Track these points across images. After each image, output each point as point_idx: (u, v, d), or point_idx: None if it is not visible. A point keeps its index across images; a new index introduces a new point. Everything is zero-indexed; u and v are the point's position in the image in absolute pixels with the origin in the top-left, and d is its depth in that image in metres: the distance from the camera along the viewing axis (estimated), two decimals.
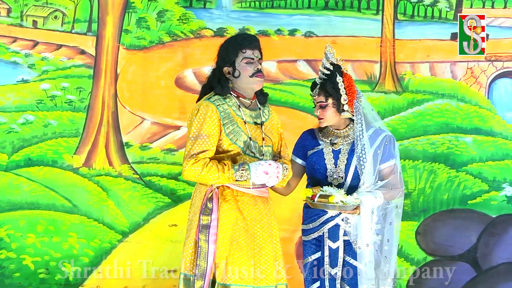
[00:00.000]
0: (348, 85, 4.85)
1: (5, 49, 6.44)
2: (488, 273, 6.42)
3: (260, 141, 4.75)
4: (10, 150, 6.43)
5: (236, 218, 4.66)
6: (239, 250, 4.63)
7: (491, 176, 6.47)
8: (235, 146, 4.67)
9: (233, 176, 4.57)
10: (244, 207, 4.69)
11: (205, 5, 6.50)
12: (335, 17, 6.51)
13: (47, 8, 6.47)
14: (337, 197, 4.70)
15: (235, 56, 4.70)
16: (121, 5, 6.46)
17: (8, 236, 6.41)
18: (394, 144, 4.94)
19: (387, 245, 4.91)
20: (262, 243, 4.69)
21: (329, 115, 4.89)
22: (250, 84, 4.72)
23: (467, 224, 6.45)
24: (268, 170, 4.58)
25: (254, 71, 4.69)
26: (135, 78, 6.47)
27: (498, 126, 6.48)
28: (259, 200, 4.73)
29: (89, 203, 6.44)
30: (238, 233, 4.65)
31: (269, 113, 4.88)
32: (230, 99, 4.73)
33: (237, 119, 4.70)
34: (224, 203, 4.67)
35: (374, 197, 4.77)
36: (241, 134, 4.68)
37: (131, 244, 6.42)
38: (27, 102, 6.44)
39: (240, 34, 4.93)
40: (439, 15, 6.51)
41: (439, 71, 6.51)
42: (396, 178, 4.89)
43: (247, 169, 4.58)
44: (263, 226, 4.71)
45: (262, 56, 4.78)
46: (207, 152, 4.61)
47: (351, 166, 4.86)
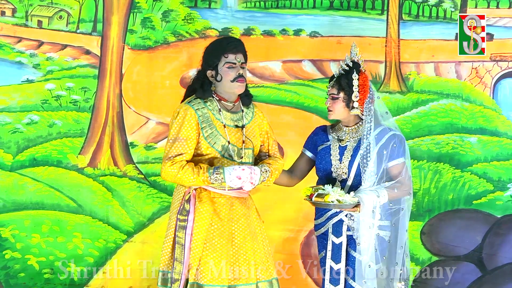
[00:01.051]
0: (362, 83, 4.88)
1: (10, 49, 6.45)
2: (494, 273, 6.42)
3: (240, 144, 4.81)
4: (15, 150, 6.43)
5: (211, 219, 4.74)
6: (213, 251, 4.71)
7: (496, 176, 6.46)
8: (213, 149, 4.74)
9: (208, 180, 4.65)
10: (220, 209, 4.76)
11: (210, 5, 6.50)
12: (340, 17, 6.51)
13: (52, 8, 6.47)
14: (332, 196, 4.72)
15: (217, 60, 4.76)
16: (126, 5, 6.46)
17: (13, 236, 6.41)
18: (403, 144, 4.94)
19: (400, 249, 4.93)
20: (240, 243, 4.76)
21: (337, 108, 4.93)
22: (231, 88, 4.78)
23: (472, 224, 6.45)
24: (241, 175, 4.64)
25: (236, 76, 4.75)
26: (140, 78, 6.47)
27: (503, 126, 6.48)
28: (236, 201, 4.80)
29: (94, 203, 6.44)
30: (212, 234, 4.73)
31: (253, 114, 4.92)
32: (212, 102, 4.80)
33: (216, 122, 4.76)
34: (200, 204, 4.75)
35: (377, 195, 4.76)
36: (219, 138, 4.75)
37: (136, 244, 6.43)
38: (32, 102, 6.45)
39: (224, 38, 5.01)
40: (444, 15, 6.51)
41: (444, 71, 6.51)
42: (404, 178, 4.89)
43: (221, 173, 4.64)
44: (240, 226, 4.78)
45: (246, 59, 4.82)
46: (184, 155, 4.70)
47: (354, 163, 4.88)
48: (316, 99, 6.39)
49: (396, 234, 4.91)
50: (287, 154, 6.20)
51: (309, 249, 6.39)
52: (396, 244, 4.91)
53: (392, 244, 4.92)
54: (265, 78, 6.49)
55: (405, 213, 4.94)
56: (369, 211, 4.77)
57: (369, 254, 4.82)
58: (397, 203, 4.93)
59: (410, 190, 4.95)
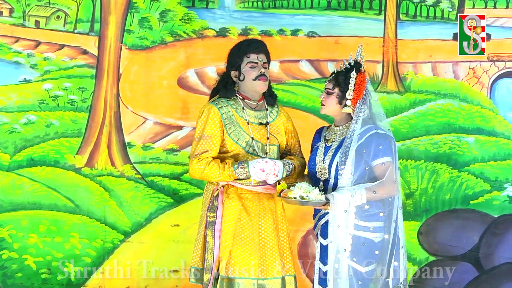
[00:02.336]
0: (359, 83, 4.84)
1: (7, 49, 6.44)
2: (491, 273, 6.43)
3: (264, 140, 4.97)
4: (12, 150, 6.42)
5: (239, 214, 4.91)
6: (243, 244, 4.88)
7: (493, 176, 6.47)
8: (237, 145, 4.92)
9: (233, 174, 4.83)
10: (248, 204, 4.93)
11: (207, 5, 6.50)
12: (338, 17, 6.51)
13: (49, 8, 6.46)
14: (295, 192, 4.69)
15: (240, 60, 4.95)
16: (124, 5, 6.46)
17: (10, 236, 6.41)
18: (389, 144, 4.77)
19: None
20: (267, 238, 4.92)
21: (329, 103, 4.89)
22: (254, 87, 4.95)
23: (469, 224, 6.45)
24: (265, 167, 4.80)
25: (258, 75, 4.93)
26: (137, 78, 6.47)
27: (500, 126, 6.48)
28: (263, 197, 4.96)
29: (91, 203, 6.44)
30: (241, 228, 4.90)
31: (277, 113, 5.08)
32: (235, 101, 4.98)
33: (240, 120, 4.94)
34: (227, 200, 4.92)
35: (351, 195, 4.65)
36: (243, 134, 4.92)
37: (133, 244, 6.42)
38: (29, 102, 6.44)
39: (247, 40, 5.13)
40: (441, 15, 6.51)
41: (441, 71, 6.51)
42: (386, 180, 4.70)
43: (246, 166, 4.82)
44: (267, 221, 4.94)
45: (269, 60, 5.00)
46: (209, 151, 4.88)
47: (333, 162, 4.81)
48: (314, 99, 6.39)
49: (395, 234, 4.81)
50: None
51: (306, 249, 6.40)
52: (394, 243, 4.80)
53: (384, 245, 4.77)
54: None
55: (400, 212, 4.84)
56: (341, 210, 4.67)
57: (343, 254, 4.70)
58: (378, 207, 4.76)
59: (391, 193, 4.76)
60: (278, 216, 5.03)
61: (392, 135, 4.83)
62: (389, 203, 4.79)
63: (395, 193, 4.78)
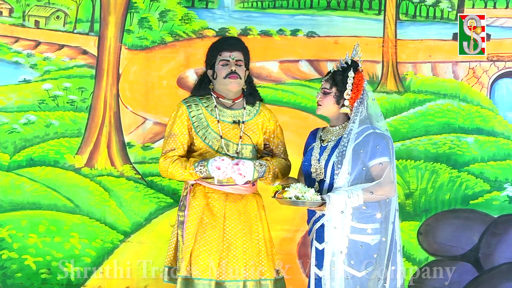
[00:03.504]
0: (357, 82, 4.76)
1: (7, 49, 6.44)
2: (490, 273, 6.42)
3: (236, 139, 4.90)
4: (12, 150, 6.42)
5: (202, 214, 4.86)
6: (204, 244, 4.82)
7: (493, 176, 6.47)
8: (205, 144, 4.88)
9: (194, 172, 4.79)
10: (213, 203, 4.88)
11: (207, 5, 6.50)
12: (337, 17, 6.51)
13: (49, 8, 6.47)
14: (290, 192, 4.59)
15: (214, 58, 4.92)
16: (123, 5, 6.46)
17: (10, 236, 6.41)
18: (387, 144, 4.67)
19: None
20: (231, 239, 4.85)
21: (327, 103, 4.80)
22: (225, 85, 4.91)
23: (469, 224, 6.45)
24: (220, 165, 4.72)
25: (228, 72, 4.87)
26: (137, 78, 6.47)
27: (500, 126, 6.48)
28: (231, 197, 4.89)
29: (91, 203, 6.44)
30: (203, 228, 4.85)
31: (256, 112, 5.00)
32: (209, 99, 4.96)
33: (209, 118, 4.91)
34: (193, 199, 4.90)
35: (348, 196, 4.55)
36: (210, 133, 4.89)
37: (133, 244, 6.42)
38: (29, 102, 6.44)
39: (221, 38, 5.16)
40: (441, 15, 6.51)
41: (441, 71, 6.51)
42: (383, 181, 4.61)
43: (205, 165, 4.77)
44: (232, 223, 4.87)
45: (246, 58, 4.96)
46: (176, 150, 4.88)
47: (329, 162, 4.71)
48: (313, 99, 6.27)
49: (393, 236, 4.72)
50: None
51: (306, 249, 6.38)
52: (392, 247, 4.71)
53: (382, 247, 4.68)
54: (262, 78, 6.49)
55: (396, 214, 4.75)
56: (337, 212, 4.57)
57: (339, 256, 4.61)
58: (375, 209, 4.66)
59: (389, 194, 4.65)
60: (252, 218, 4.92)
61: (390, 136, 4.76)
62: (386, 204, 4.69)
63: (393, 194, 4.69)
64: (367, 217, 4.65)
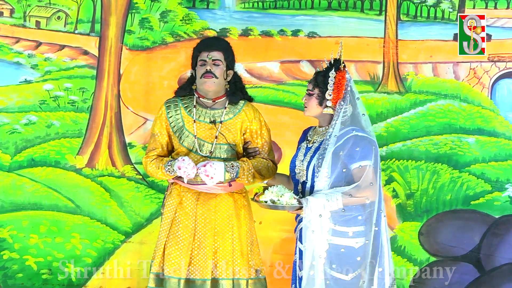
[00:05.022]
0: (338, 82, 4.64)
1: (8, 50, 6.45)
2: (491, 273, 6.42)
3: (212, 139, 4.92)
4: (13, 150, 6.43)
5: (175, 212, 4.94)
6: (175, 243, 4.89)
7: (494, 176, 6.46)
8: (180, 145, 4.94)
9: (164, 172, 4.86)
10: (187, 203, 4.93)
11: (208, 6, 6.50)
12: (338, 17, 6.51)
13: (50, 8, 6.47)
14: (266, 195, 4.53)
15: (195, 59, 4.96)
16: (124, 6, 6.47)
17: (11, 237, 6.41)
18: (370, 146, 4.56)
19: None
20: (202, 238, 4.89)
21: (311, 105, 4.73)
22: (201, 84, 4.93)
23: (470, 224, 6.45)
24: (181, 165, 4.77)
25: (203, 72, 4.89)
26: (138, 79, 6.47)
27: (501, 127, 6.48)
28: (203, 197, 4.91)
29: (92, 203, 6.44)
30: (176, 226, 4.92)
31: (238, 112, 4.99)
32: (190, 99, 5.00)
33: (186, 118, 4.95)
34: (168, 197, 4.99)
35: (326, 199, 4.46)
36: (184, 133, 4.94)
37: (134, 245, 6.43)
38: (30, 103, 6.45)
39: (202, 38, 5.23)
40: (442, 15, 6.51)
41: (442, 72, 6.51)
42: (362, 184, 4.51)
43: (172, 164, 4.82)
44: (203, 222, 4.90)
45: (228, 57, 4.93)
46: (156, 149, 4.98)
47: (311, 164, 4.64)
48: None
49: (378, 239, 4.59)
50: (285, 154, 6.21)
51: None
52: (377, 250, 4.60)
53: (366, 250, 4.57)
54: (263, 78, 6.50)
55: (382, 217, 4.63)
56: (315, 215, 4.49)
57: (318, 260, 4.53)
58: (356, 211, 4.55)
59: (369, 197, 4.53)
60: (226, 217, 4.92)
61: (373, 137, 4.65)
62: (367, 206, 4.56)
63: (374, 198, 4.56)
64: (348, 219, 4.55)
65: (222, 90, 4.97)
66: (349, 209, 4.54)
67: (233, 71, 4.99)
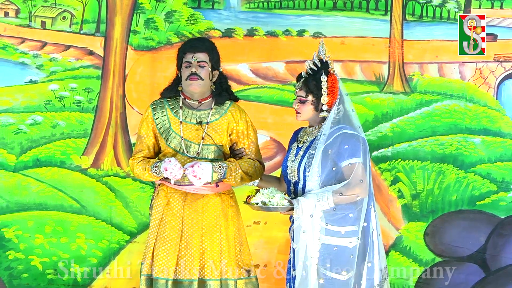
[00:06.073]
0: (331, 86, 4.65)
1: (13, 50, 6.45)
2: (497, 274, 6.41)
3: (198, 140, 4.92)
4: (18, 151, 6.44)
5: (162, 214, 4.94)
6: (164, 243, 4.90)
7: (500, 177, 6.46)
8: (167, 146, 4.94)
9: (151, 173, 4.87)
10: (174, 204, 4.94)
11: (213, 6, 6.50)
12: (344, 17, 6.50)
13: (55, 9, 6.48)
14: (257, 197, 4.55)
15: (180, 61, 4.96)
16: (130, 6, 6.47)
17: (16, 237, 6.42)
18: (355, 142, 4.56)
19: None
20: (189, 239, 4.89)
21: (305, 111, 4.71)
22: (186, 86, 4.93)
23: (476, 225, 6.44)
24: (167, 166, 4.77)
25: (188, 74, 4.89)
26: (143, 79, 6.48)
27: (506, 127, 6.47)
28: (190, 197, 4.92)
29: (97, 203, 6.45)
30: (164, 227, 4.92)
31: (225, 112, 4.98)
32: (177, 101, 5.01)
33: (172, 119, 4.96)
34: (156, 199, 5.00)
35: (317, 199, 4.48)
36: (171, 134, 4.94)
37: (139, 245, 6.43)
38: (35, 103, 6.45)
39: (187, 40, 5.21)
40: (447, 15, 6.50)
41: (447, 72, 6.50)
42: (352, 182, 4.52)
43: (159, 166, 4.82)
44: (190, 222, 4.91)
45: (213, 58, 4.93)
46: (142, 151, 4.99)
47: (302, 164, 4.65)
48: None
49: (367, 237, 4.61)
50: None
51: None
52: (366, 247, 4.61)
53: (359, 249, 4.59)
54: (268, 78, 6.49)
55: (373, 214, 4.64)
56: (306, 216, 4.50)
57: (312, 261, 4.53)
58: (347, 210, 4.56)
59: (359, 194, 4.54)
60: (214, 217, 4.92)
61: (362, 133, 4.66)
62: (356, 204, 4.58)
63: (364, 194, 4.57)
64: (339, 219, 4.56)
65: (208, 91, 4.96)
66: (341, 208, 4.55)
67: (218, 71, 4.99)
